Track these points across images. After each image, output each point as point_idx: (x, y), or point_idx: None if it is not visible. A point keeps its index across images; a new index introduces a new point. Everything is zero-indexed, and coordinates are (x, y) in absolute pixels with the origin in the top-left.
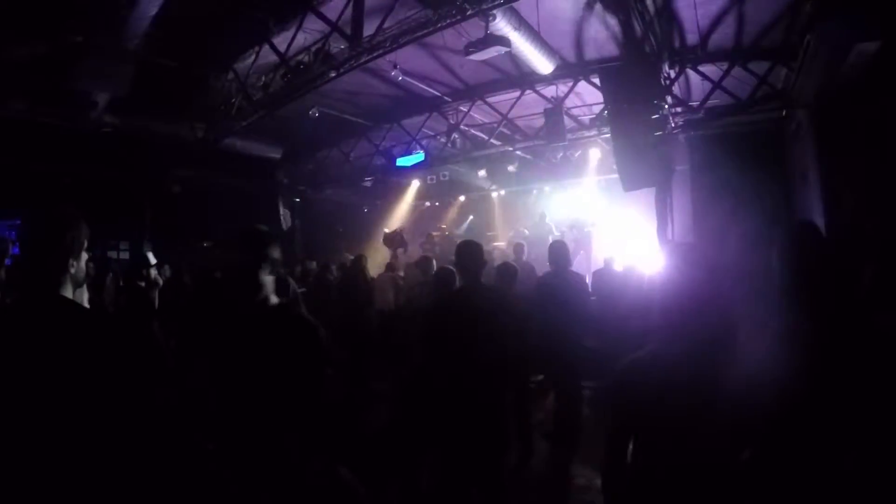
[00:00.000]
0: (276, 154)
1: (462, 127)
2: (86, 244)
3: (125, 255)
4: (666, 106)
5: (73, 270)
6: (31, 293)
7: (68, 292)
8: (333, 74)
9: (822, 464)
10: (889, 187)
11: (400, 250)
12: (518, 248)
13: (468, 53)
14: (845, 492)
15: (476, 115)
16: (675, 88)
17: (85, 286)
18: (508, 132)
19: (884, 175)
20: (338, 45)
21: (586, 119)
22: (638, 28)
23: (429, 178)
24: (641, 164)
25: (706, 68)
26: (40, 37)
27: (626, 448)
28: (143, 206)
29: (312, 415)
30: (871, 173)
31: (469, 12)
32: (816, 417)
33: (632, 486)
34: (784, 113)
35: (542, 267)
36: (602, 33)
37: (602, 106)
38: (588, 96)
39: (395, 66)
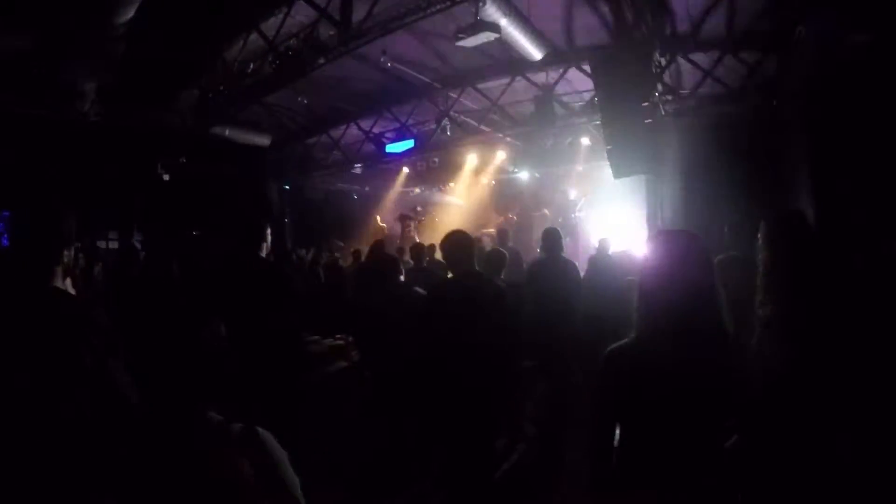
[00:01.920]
0: (264, 141)
1: (452, 113)
2: (74, 234)
3: (114, 245)
4: (656, 94)
5: (66, 261)
6: (25, 284)
7: (59, 282)
8: (322, 61)
9: (812, 446)
10: (879, 178)
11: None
12: (503, 235)
13: (458, 40)
14: (836, 474)
15: (466, 102)
16: (666, 76)
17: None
18: (498, 119)
19: (874, 166)
20: (327, 31)
21: (577, 106)
22: (629, 15)
23: (418, 164)
24: (631, 151)
25: (697, 57)
26: (25, 27)
27: (613, 433)
28: (132, 196)
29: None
30: (861, 164)
31: None
32: (805, 401)
33: (619, 471)
34: (774, 102)
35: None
36: (593, 20)
37: (593, 93)
38: (578, 83)
39: (384, 53)
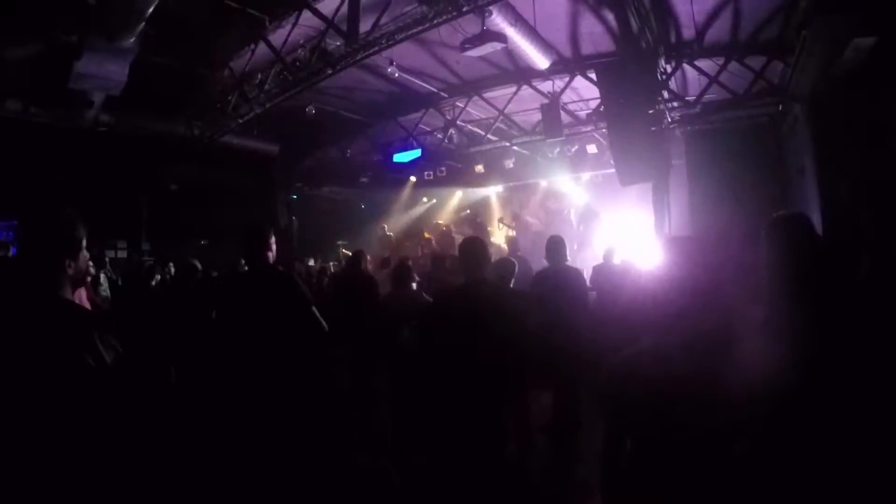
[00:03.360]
0: (272, 151)
1: (458, 122)
2: (84, 243)
3: (123, 255)
4: (662, 101)
5: (70, 271)
6: (30, 294)
7: (67, 293)
8: (330, 71)
9: (819, 456)
10: (884, 180)
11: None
12: (512, 243)
13: (464, 49)
14: (843, 485)
15: (472, 111)
16: (672, 83)
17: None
18: (505, 128)
19: (878, 168)
20: (334, 42)
21: (583, 114)
22: (634, 23)
23: (426, 174)
24: (638, 158)
25: (702, 63)
26: (35, 36)
27: (624, 442)
28: (140, 205)
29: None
30: (865, 167)
31: (465, 8)
32: (814, 409)
33: (630, 480)
34: (780, 107)
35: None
36: (598, 28)
37: (599, 101)
38: (584, 91)
39: (391, 63)
